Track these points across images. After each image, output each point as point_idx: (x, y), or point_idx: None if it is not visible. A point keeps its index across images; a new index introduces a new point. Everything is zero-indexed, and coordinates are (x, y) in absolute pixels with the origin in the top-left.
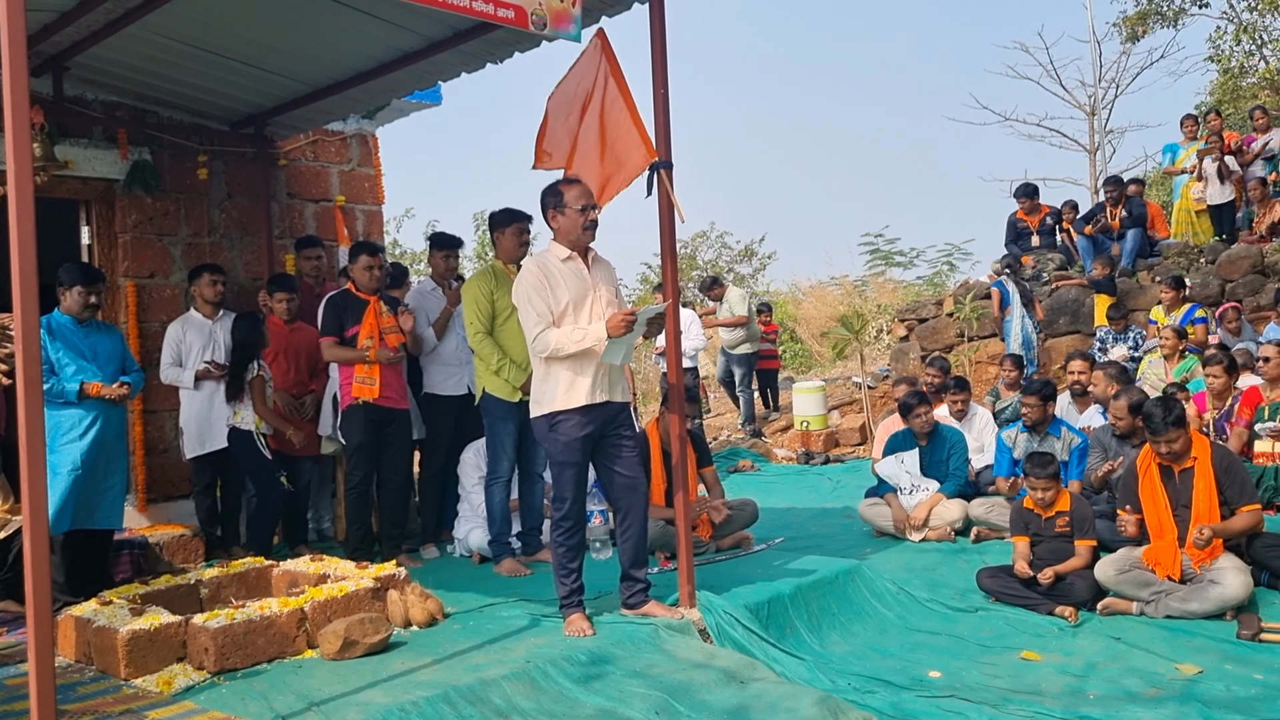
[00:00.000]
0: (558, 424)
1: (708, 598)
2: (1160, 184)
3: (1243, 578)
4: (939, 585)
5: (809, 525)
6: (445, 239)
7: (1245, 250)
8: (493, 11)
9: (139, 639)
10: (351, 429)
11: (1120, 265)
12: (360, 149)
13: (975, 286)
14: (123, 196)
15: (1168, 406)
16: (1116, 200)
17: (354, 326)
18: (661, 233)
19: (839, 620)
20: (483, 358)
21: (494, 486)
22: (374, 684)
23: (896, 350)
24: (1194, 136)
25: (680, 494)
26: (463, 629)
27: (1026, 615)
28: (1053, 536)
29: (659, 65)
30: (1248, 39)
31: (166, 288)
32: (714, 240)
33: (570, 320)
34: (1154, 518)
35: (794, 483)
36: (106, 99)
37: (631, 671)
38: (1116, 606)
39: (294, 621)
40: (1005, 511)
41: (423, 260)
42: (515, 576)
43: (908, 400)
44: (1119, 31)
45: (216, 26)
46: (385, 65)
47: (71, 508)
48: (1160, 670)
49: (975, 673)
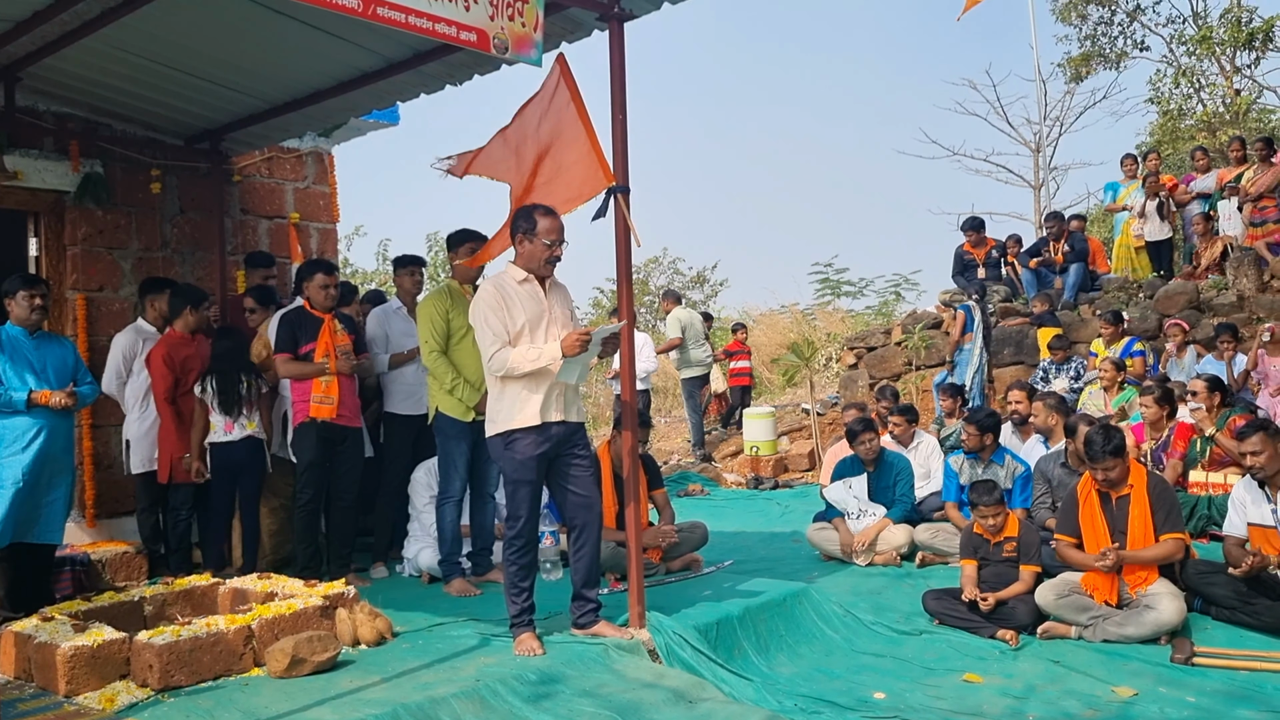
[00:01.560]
0: (513, 442)
1: (657, 618)
2: (1102, 221)
3: (1177, 604)
4: (884, 609)
5: (758, 549)
6: (407, 258)
7: (1182, 286)
8: (456, 35)
9: (81, 655)
10: (304, 447)
11: (1062, 299)
12: (315, 166)
13: (924, 316)
14: (73, 209)
15: (1107, 435)
16: (1058, 235)
17: (309, 344)
18: (618, 256)
19: (786, 642)
20: (437, 376)
21: (445, 506)
22: (322, 702)
23: (845, 378)
24: (1134, 175)
25: (632, 512)
26: (412, 648)
27: (969, 638)
28: (999, 561)
29: (618, 91)
30: (1186, 82)
31: (116, 301)
32: (666, 266)
33: (526, 341)
34: (1092, 542)
35: (743, 507)
36: (59, 110)
37: (581, 691)
38: (1056, 630)
39: (241, 639)
40: (950, 537)
41: (374, 280)
42: (465, 596)
43: (853, 427)
44: (1064, 72)
45: (174, 41)
46: (344, 84)
47: (13, 521)
48: (1098, 692)
49: (919, 694)
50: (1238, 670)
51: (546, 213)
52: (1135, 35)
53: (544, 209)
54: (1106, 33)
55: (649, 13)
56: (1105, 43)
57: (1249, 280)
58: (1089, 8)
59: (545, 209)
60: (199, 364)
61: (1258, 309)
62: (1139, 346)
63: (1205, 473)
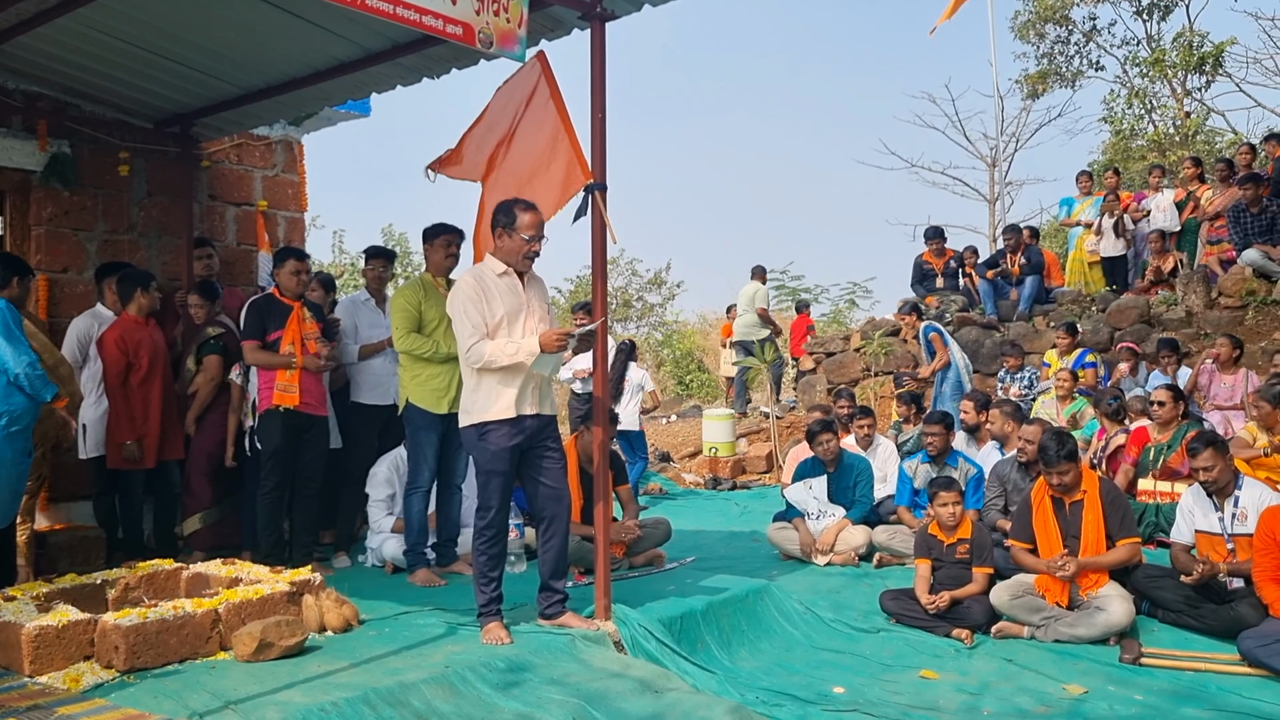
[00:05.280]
0: (487, 433)
1: (623, 611)
2: (1055, 235)
3: (1126, 605)
4: (843, 607)
5: (718, 547)
6: (378, 249)
7: (1133, 301)
8: (442, 27)
9: (45, 635)
10: (269, 434)
11: (1018, 310)
12: (285, 155)
13: (884, 324)
14: (39, 189)
15: (1061, 440)
16: (1014, 247)
17: (276, 331)
18: (593, 253)
19: (748, 637)
20: (413, 351)
21: (413, 496)
22: (291, 685)
23: (804, 382)
24: (1088, 192)
25: (600, 505)
26: (379, 635)
27: (925, 636)
28: (953, 562)
29: (598, 90)
30: (1139, 103)
31: (80, 283)
32: (624, 267)
33: (504, 333)
34: (1046, 547)
35: (702, 507)
36: (28, 89)
37: (549, 679)
38: (1009, 630)
39: (208, 622)
40: (907, 539)
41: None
42: (430, 587)
43: (813, 427)
44: (1021, 89)
45: (149, 23)
46: (320, 73)
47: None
48: (1049, 690)
49: (877, 689)
50: (1183, 670)
51: (527, 208)
52: (1091, 55)
53: (524, 204)
54: (1063, 51)
55: (630, 13)
56: (1062, 61)
57: (1197, 297)
58: (1047, 27)
59: (526, 204)
60: (151, 348)
61: (1205, 325)
62: (1091, 358)
63: (1154, 481)
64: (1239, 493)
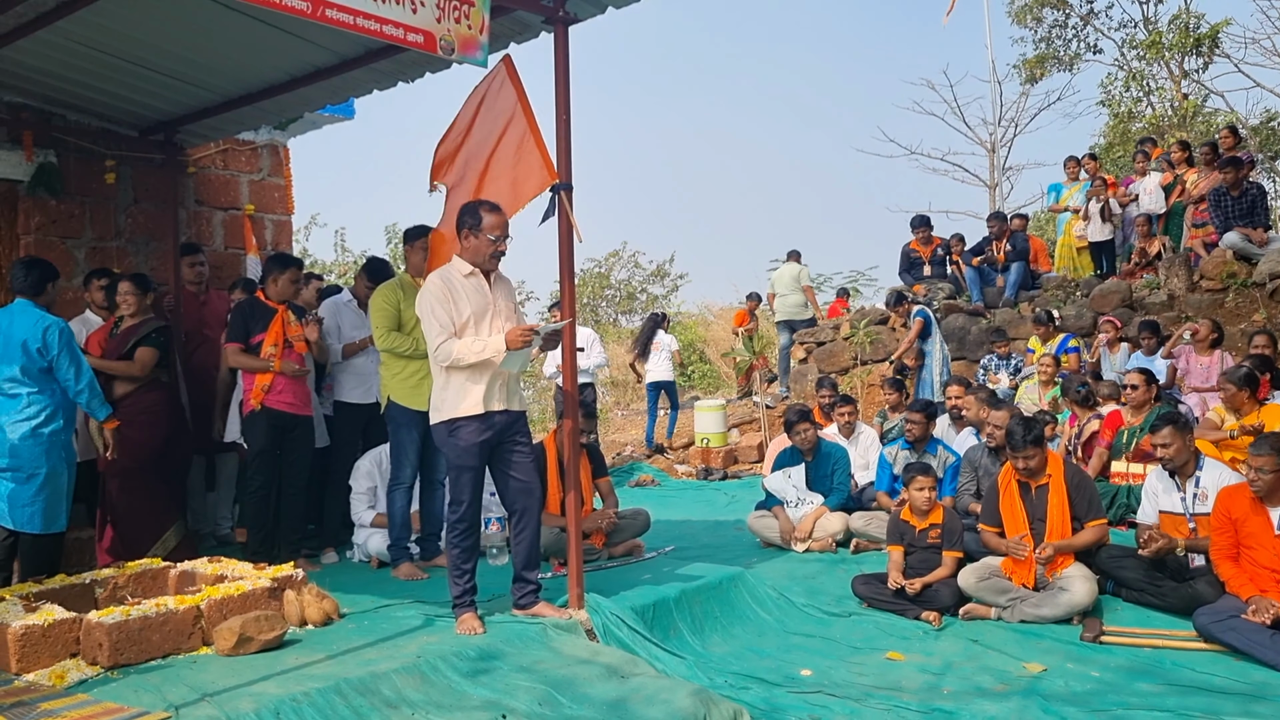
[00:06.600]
0: (457, 430)
1: (595, 599)
2: (1048, 221)
3: (1089, 585)
4: (817, 592)
5: (701, 536)
6: (377, 264)
7: (1116, 285)
8: (403, 36)
9: (32, 634)
10: (254, 434)
11: (1004, 296)
12: (271, 159)
13: (871, 312)
14: (26, 198)
15: (1028, 425)
16: (1000, 235)
17: (259, 334)
18: (560, 252)
19: (720, 623)
20: (393, 349)
21: (396, 492)
22: (267, 677)
23: (796, 372)
24: (1076, 177)
25: (572, 497)
26: (357, 628)
27: (895, 619)
28: (924, 547)
29: (562, 91)
30: (1137, 86)
31: (69, 290)
32: (627, 259)
33: (471, 332)
34: (1013, 530)
35: (692, 497)
36: (12, 100)
37: (519, 667)
38: (976, 612)
39: (190, 618)
40: (883, 524)
41: (333, 271)
42: (413, 580)
43: (790, 417)
44: (1019, 73)
45: (128, 34)
46: (298, 79)
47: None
48: (1010, 669)
49: (843, 671)
50: (1141, 647)
51: (492, 209)
52: (1088, 39)
53: (489, 205)
54: (1061, 35)
55: (592, 16)
56: (1059, 45)
57: (1179, 280)
58: (1044, 10)
59: (491, 205)
60: None
61: (1186, 308)
62: (1073, 343)
63: (1127, 463)
64: (1200, 473)
